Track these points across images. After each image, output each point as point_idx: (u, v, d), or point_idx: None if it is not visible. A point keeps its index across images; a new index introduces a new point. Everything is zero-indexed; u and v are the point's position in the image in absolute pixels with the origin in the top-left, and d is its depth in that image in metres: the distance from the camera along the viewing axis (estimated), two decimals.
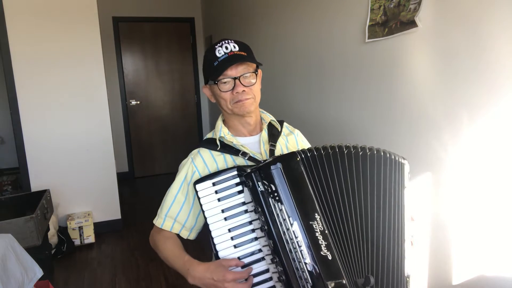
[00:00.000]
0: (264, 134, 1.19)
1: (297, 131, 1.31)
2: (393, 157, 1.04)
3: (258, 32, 3.23)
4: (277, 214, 0.89)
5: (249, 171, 0.93)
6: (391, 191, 1.02)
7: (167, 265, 1.10)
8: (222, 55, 1.06)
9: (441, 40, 1.38)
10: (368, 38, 1.76)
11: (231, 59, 1.05)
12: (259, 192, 0.91)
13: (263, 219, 0.91)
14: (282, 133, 1.23)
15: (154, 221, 1.15)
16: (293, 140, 1.26)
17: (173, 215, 1.12)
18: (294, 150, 1.21)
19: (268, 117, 1.21)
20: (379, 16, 1.66)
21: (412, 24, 1.47)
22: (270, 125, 1.21)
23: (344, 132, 2.08)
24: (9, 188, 4.24)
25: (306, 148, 0.96)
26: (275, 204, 0.89)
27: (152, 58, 5.10)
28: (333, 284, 0.87)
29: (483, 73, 1.24)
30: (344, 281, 0.89)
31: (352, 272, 0.92)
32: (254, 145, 1.17)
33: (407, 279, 1.00)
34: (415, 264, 1.07)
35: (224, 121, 1.20)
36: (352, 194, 0.96)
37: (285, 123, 1.28)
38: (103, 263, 2.94)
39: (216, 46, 1.08)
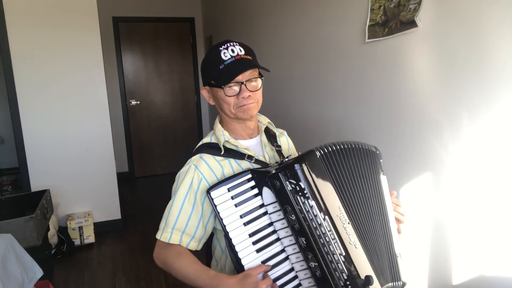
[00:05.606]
0: (264, 136, 1.18)
1: (284, 132, 1.32)
2: (369, 148, 1.08)
3: (258, 32, 3.23)
4: (307, 211, 0.90)
5: (274, 172, 0.93)
6: (375, 180, 1.05)
7: (186, 283, 1.00)
8: (229, 58, 1.02)
9: (441, 40, 1.38)
10: (368, 38, 1.76)
11: (240, 64, 1.02)
12: (288, 191, 0.91)
13: (293, 217, 0.92)
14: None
15: (158, 237, 1.05)
16: (285, 141, 1.27)
17: (181, 227, 1.04)
18: (287, 150, 1.25)
19: (265, 120, 1.20)
20: (379, 16, 1.66)
21: (412, 24, 1.47)
22: (266, 128, 1.21)
23: (345, 131, 2.08)
24: (9, 188, 4.24)
25: (320, 145, 0.98)
26: (305, 201, 0.90)
27: (152, 58, 5.10)
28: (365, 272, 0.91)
29: (483, 73, 1.24)
30: (372, 269, 0.94)
31: (372, 257, 0.96)
32: (256, 147, 1.16)
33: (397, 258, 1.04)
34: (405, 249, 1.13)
35: (221, 124, 1.16)
36: (361, 187, 1.00)
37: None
38: (103, 263, 2.94)
39: (220, 48, 1.04)
